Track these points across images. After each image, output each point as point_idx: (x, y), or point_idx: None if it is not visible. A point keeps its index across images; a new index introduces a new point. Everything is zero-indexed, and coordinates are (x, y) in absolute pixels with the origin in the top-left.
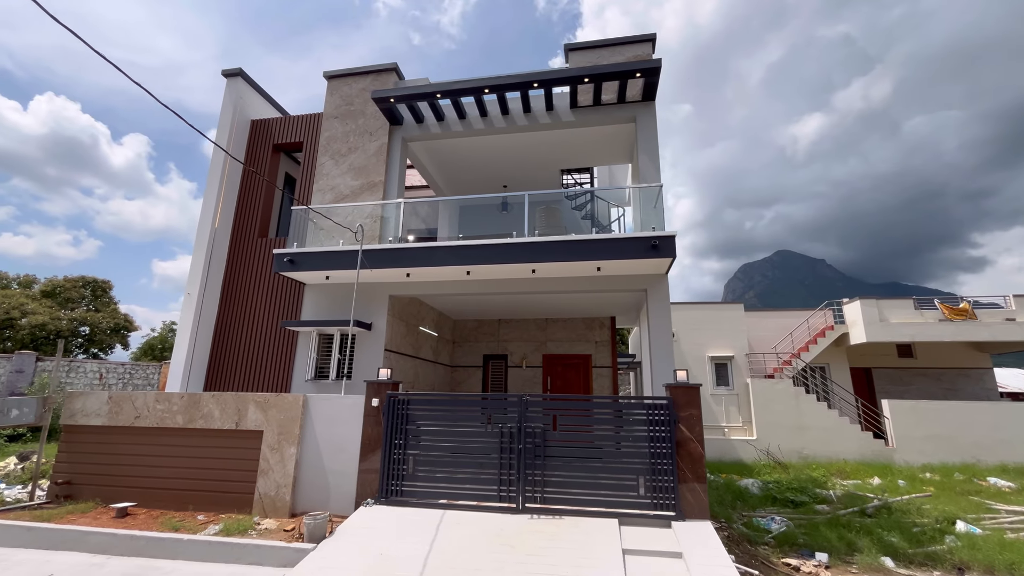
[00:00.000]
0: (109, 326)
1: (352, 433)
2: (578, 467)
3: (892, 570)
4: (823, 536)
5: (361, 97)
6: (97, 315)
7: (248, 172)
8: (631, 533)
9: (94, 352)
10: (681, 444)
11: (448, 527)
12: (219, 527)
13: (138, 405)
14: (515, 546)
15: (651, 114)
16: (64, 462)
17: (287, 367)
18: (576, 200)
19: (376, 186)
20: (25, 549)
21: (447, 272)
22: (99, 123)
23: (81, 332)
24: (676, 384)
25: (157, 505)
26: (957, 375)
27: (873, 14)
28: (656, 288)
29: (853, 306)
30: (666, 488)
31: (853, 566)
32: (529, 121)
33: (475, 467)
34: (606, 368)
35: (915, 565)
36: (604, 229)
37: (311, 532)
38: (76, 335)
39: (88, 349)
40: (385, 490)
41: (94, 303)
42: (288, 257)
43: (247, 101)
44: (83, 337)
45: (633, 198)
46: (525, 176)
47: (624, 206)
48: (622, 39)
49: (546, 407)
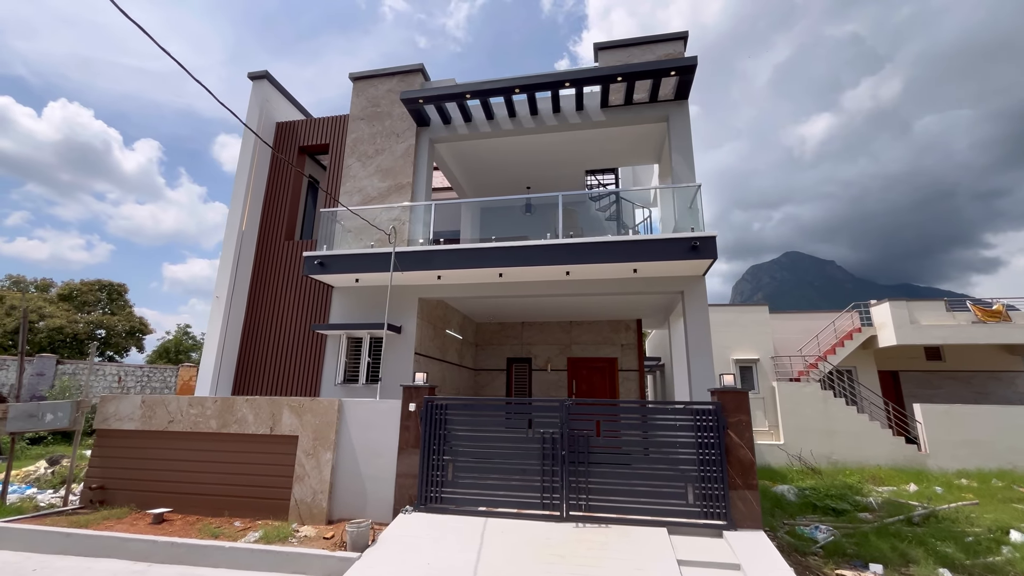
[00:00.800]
0: (125, 329)
1: (388, 438)
2: (622, 474)
3: None
4: (873, 546)
5: (387, 98)
6: (113, 318)
7: (274, 175)
8: (682, 543)
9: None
10: (730, 450)
11: (492, 536)
12: (258, 534)
13: (171, 409)
14: (564, 556)
15: (684, 113)
16: (97, 467)
17: (316, 371)
18: (600, 201)
19: (404, 188)
20: (64, 556)
21: (479, 274)
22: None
23: (97, 335)
24: (724, 389)
25: (192, 511)
26: (988, 378)
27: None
28: (693, 290)
29: (882, 308)
30: (715, 496)
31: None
32: (558, 121)
33: (516, 473)
34: (632, 371)
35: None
36: (629, 231)
37: (354, 540)
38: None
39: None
40: (424, 497)
41: (110, 306)
42: (318, 260)
43: (273, 104)
44: (99, 340)
45: (661, 199)
46: (548, 177)
47: (649, 207)
48: (653, 37)
49: (589, 412)
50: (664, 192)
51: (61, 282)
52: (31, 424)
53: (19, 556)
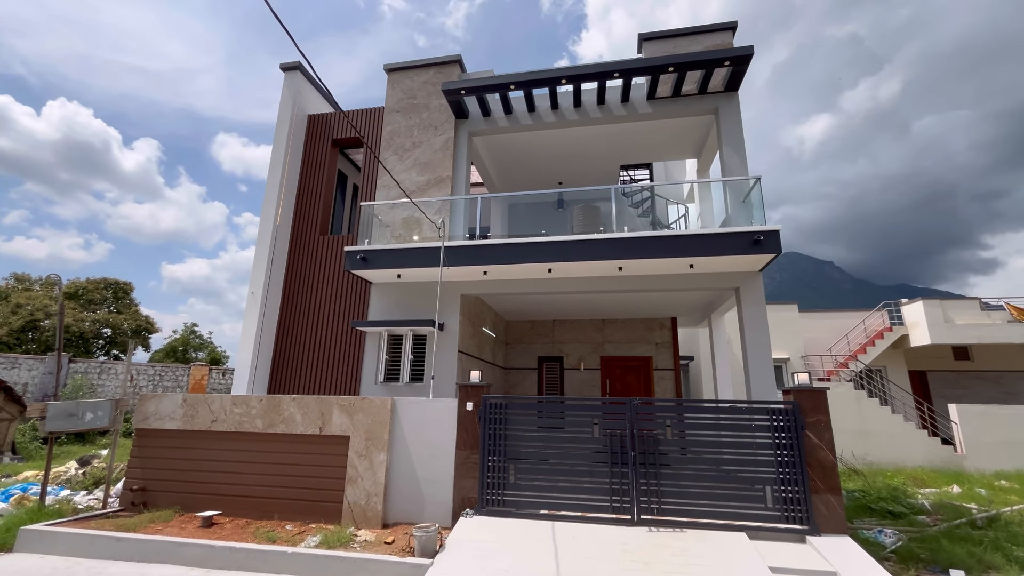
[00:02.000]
0: (131, 328)
1: (445, 439)
2: (694, 475)
3: None
4: (947, 551)
5: (424, 90)
6: (119, 317)
7: (307, 169)
8: (765, 548)
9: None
10: (810, 452)
11: (565, 541)
12: (317, 539)
13: (214, 408)
14: (648, 563)
15: (735, 105)
16: (137, 467)
17: (354, 369)
18: (632, 197)
19: (443, 181)
20: (114, 561)
21: (528, 270)
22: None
23: (103, 334)
24: (800, 388)
25: (239, 513)
26: (1016, 378)
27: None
28: (749, 286)
29: (915, 307)
30: (795, 499)
31: None
32: (603, 113)
33: (581, 475)
34: (668, 371)
35: None
36: (663, 227)
37: (423, 546)
38: (99, 336)
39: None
40: (484, 500)
41: (116, 305)
42: (361, 255)
43: (305, 96)
44: (105, 339)
45: (699, 195)
46: (580, 172)
47: (684, 204)
48: (700, 28)
49: (658, 412)
50: (702, 188)
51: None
52: (71, 424)
53: (67, 562)
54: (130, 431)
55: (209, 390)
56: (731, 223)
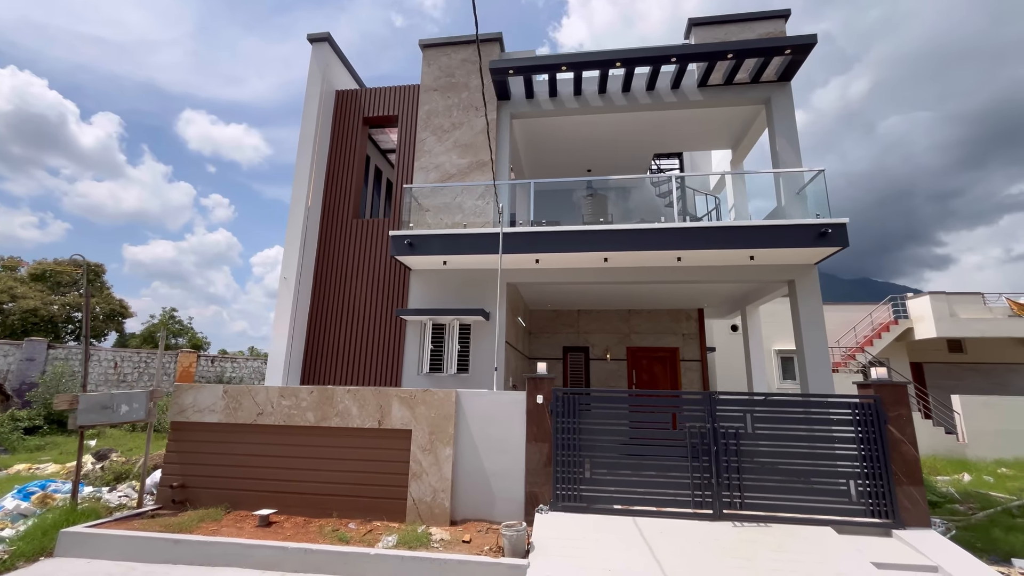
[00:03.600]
0: (104, 312)
1: (513, 433)
2: (775, 470)
3: None
4: (999, 539)
5: (463, 69)
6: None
7: (336, 148)
8: (855, 543)
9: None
10: (893, 446)
11: (654, 537)
12: (393, 539)
13: (259, 400)
14: (749, 559)
15: (788, 95)
16: (175, 463)
17: (395, 359)
18: (659, 188)
19: (486, 165)
20: (175, 565)
21: (583, 259)
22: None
23: (74, 318)
24: (881, 382)
25: (292, 511)
26: (1007, 370)
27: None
28: (806, 279)
29: (921, 301)
30: (879, 493)
31: None
32: (652, 100)
33: (658, 470)
34: (695, 362)
35: None
36: (693, 219)
37: (513, 545)
38: (69, 320)
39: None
40: (558, 495)
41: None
42: (408, 240)
43: (333, 70)
44: (76, 323)
45: (733, 186)
46: (610, 158)
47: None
48: (752, 15)
49: (738, 405)
50: (736, 180)
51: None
52: (104, 416)
53: (121, 567)
54: (133, 426)
55: (197, 378)
56: (784, 215)
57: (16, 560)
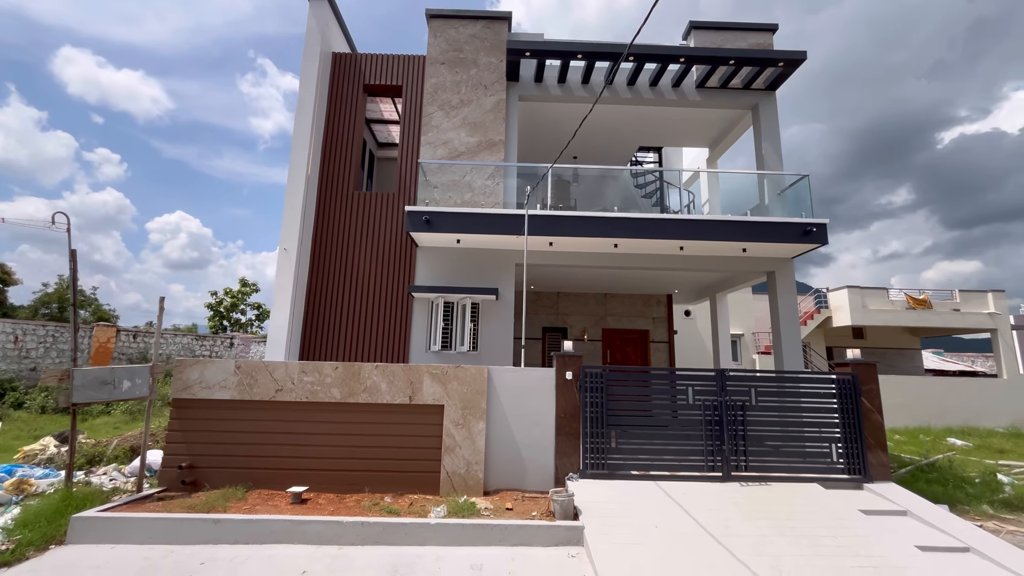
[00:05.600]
0: None
1: (543, 406)
2: (769, 436)
3: (997, 515)
4: (923, 490)
5: (471, 44)
6: None
7: (334, 114)
8: (840, 495)
9: None
10: (865, 415)
11: (680, 497)
12: (442, 509)
13: (278, 376)
14: (764, 512)
15: (773, 103)
16: (180, 442)
17: (401, 335)
18: (638, 179)
19: (496, 145)
20: (218, 545)
21: (594, 243)
22: None
23: None
24: (856, 361)
25: (320, 488)
26: (896, 354)
27: None
28: (784, 271)
29: (840, 294)
30: (854, 454)
31: (970, 515)
32: (654, 95)
33: (675, 439)
34: (663, 343)
35: (1007, 510)
36: (670, 212)
37: (564, 509)
38: None
39: None
40: (587, 464)
41: None
42: (426, 216)
43: (331, 32)
44: None
45: (708, 184)
46: (597, 148)
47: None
48: (745, 25)
49: (744, 381)
50: (711, 178)
51: None
52: (104, 393)
53: (156, 550)
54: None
55: (117, 355)
56: (767, 213)
57: (25, 550)
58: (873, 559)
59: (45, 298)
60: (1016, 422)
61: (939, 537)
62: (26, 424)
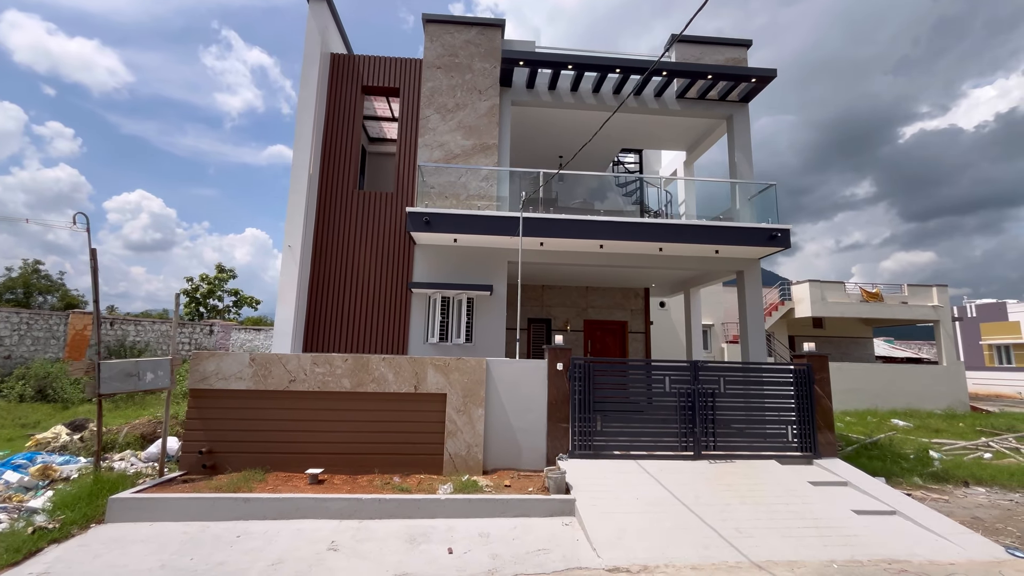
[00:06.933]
0: None
1: (536, 393)
2: (736, 420)
3: (926, 486)
4: (864, 465)
5: (466, 50)
6: None
7: (333, 115)
8: (793, 470)
9: None
10: (816, 400)
11: (656, 472)
12: (449, 486)
13: (291, 368)
14: (729, 485)
15: (746, 115)
16: (198, 429)
17: (400, 328)
18: (619, 179)
19: (490, 149)
20: (250, 521)
21: (581, 244)
22: None
23: None
24: (810, 353)
25: (331, 470)
26: (850, 343)
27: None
28: (752, 270)
29: (802, 287)
30: (806, 434)
31: (903, 485)
32: (637, 104)
33: (653, 423)
34: (640, 334)
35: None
36: (650, 213)
37: (557, 485)
38: None
39: None
40: (575, 445)
41: None
42: (426, 217)
43: (330, 33)
44: None
45: (685, 188)
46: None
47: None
48: (722, 39)
49: (715, 371)
50: (688, 181)
51: None
52: (129, 384)
53: (193, 527)
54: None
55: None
56: (738, 217)
57: (69, 528)
58: (816, 521)
59: (9, 283)
60: (952, 404)
61: (872, 503)
62: (8, 413)
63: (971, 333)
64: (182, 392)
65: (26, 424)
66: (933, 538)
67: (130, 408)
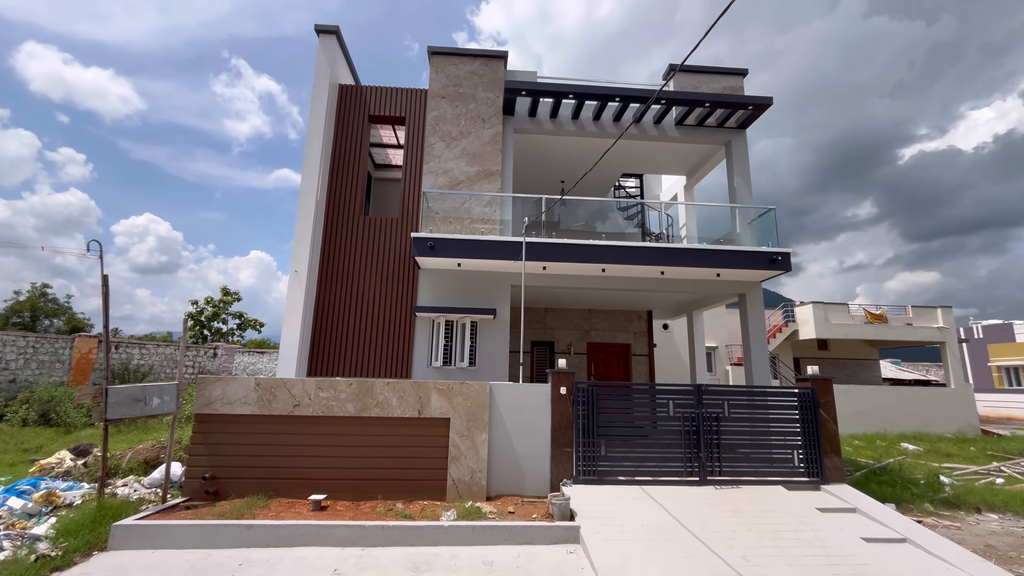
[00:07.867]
0: None
1: (540, 419)
2: (741, 444)
3: (937, 512)
4: (873, 491)
5: (470, 80)
6: None
7: (340, 143)
8: (801, 496)
9: None
10: (822, 424)
11: (661, 498)
12: (452, 512)
13: (295, 392)
14: (736, 511)
15: (744, 141)
16: (202, 454)
17: (404, 352)
18: (620, 203)
19: (493, 175)
20: (252, 548)
21: (583, 268)
22: None
23: None
24: (815, 376)
25: (334, 496)
26: (856, 365)
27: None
28: (753, 293)
29: (806, 309)
30: (813, 459)
31: (913, 512)
32: (637, 131)
33: (657, 447)
34: (643, 356)
35: (946, 508)
36: (651, 235)
37: (561, 511)
38: None
39: None
40: (579, 471)
41: None
42: (431, 243)
43: (338, 64)
44: None
45: (685, 211)
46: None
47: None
48: (718, 69)
49: (719, 395)
50: (688, 205)
51: None
52: (135, 409)
53: (195, 554)
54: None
55: (98, 366)
56: (738, 241)
57: (71, 556)
58: (825, 549)
59: (16, 307)
60: (963, 427)
61: (882, 530)
62: (11, 437)
63: (979, 354)
64: (186, 416)
65: (28, 449)
66: (945, 567)
67: (132, 432)
